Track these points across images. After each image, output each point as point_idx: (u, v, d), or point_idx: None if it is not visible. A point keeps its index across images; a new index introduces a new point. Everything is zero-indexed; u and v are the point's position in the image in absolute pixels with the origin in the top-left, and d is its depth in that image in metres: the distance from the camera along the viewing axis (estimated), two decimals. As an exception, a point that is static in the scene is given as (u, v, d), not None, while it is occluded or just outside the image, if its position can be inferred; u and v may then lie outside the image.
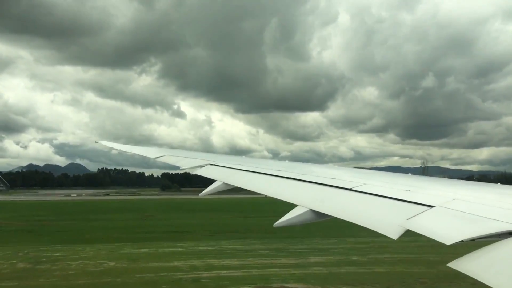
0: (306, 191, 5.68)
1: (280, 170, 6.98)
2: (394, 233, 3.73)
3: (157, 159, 11.05)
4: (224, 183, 7.22)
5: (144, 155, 12.07)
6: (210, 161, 9.01)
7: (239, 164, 8.18)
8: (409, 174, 6.38)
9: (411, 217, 3.91)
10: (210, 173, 8.24)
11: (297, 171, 6.88)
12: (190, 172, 8.98)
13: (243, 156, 10.85)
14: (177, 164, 9.75)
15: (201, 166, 8.79)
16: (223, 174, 7.84)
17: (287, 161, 9.26)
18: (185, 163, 9.65)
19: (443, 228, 3.62)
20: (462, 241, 3.22)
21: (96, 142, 16.27)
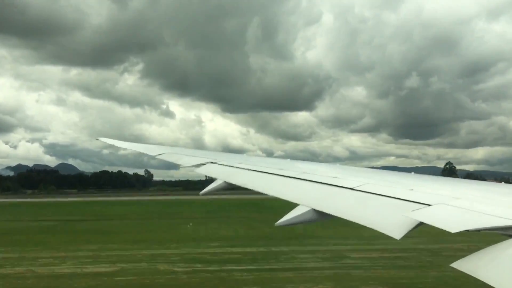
0: (308, 190, 5.66)
1: (281, 169, 6.96)
2: (397, 233, 3.72)
3: (158, 157, 11.04)
4: (225, 182, 7.20)
5: (145, 152, 12.05)
6: (211, 159, 8.99)
7: (240, 163, 8.16)
8: (412, 173, 6.36)
9: (415, 210, 3.94)
10: (211, 171, 8.22)
11: (298, 170, 6.86)
12: (194, 171, 8.96)
13: (244, 154, 10.82)
14: (178, 162, 9.72)
15: (202, 164, 8.77)
16: (224, 172, 7.82)
17: (288, 159, 9.24)
18: (186, 161, 9.63)
19: (448, 219, 3.66)
20: (467, 230, 3.23)
21: (97, 139, 16.24)
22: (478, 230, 3.22)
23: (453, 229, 3.30)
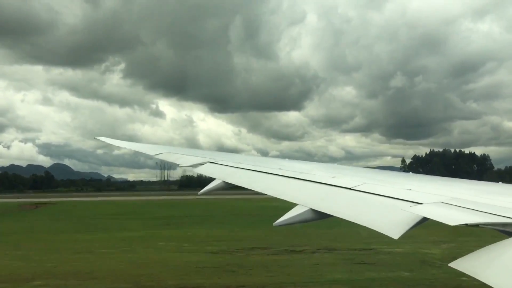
0: (307, 190, 5.67)
1: (280, 169, 6.97)
2: (395, 233, 3.73)
3: (157, 156, 11.05)
4: (224, 182, 7.21)
5: (144, 152, 12.05)
6: (209, 159, 9.01)
7: (239, 163, 8.17)
8: (410, 173, 6.38)
9: (414, 205, 3.96)
10: (210, 171, 8.23)
11: (297, 170, 6.88)
12: (192, 170, 8.98)
13: (243, 154, 10.85)
14: (177, 162, 9.73)
15: (201, 164, 8.78)
16: (223, 172, 7.83)
17: (287, 159, 9.26)
18: (185, 160, 9.64)
19: (447, 214, 3.68)
20: (466, 224, 3.23)
21: (96, 139, 16.23)
22: (477, 225, 3.23)
23: (452, 223, 3.32)
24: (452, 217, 3.55)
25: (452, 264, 2.97)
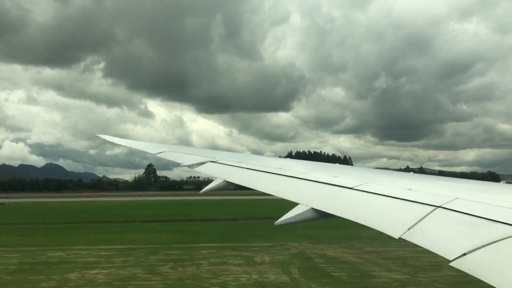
0: (308, 190, 5.68)
1: (281, 168, 6.99)
2: (396, 232, 3.75)
3: (158, 155, 11.04)
4: (225, 181, 7.23)
5: (145, 150, 12.04)
6: (211, 158, 9.01)
7: (240, 162, 8.19)
8: (411, 172, 6.38)
9: (412, 226, 3.80)
10: (211, 170, 8.24)
11: (298, 169, 6.90)
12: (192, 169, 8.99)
13: (244, 153, 10.85)
14: (178, 161, 9.73)
15: (202, 163, 8.79)
16: (224, 171, 7.84)
17: (288, 158, 9.28)
18: (186, 159, 9.64)
19: (445, 238, 3.49)
20: (464, 254, 3.10)
21: (96, 136, 16.29)
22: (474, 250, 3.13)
23: (450, 256, 3.14)
24: (450, 243, 3.34)
25: (454, 264, 2.97)
